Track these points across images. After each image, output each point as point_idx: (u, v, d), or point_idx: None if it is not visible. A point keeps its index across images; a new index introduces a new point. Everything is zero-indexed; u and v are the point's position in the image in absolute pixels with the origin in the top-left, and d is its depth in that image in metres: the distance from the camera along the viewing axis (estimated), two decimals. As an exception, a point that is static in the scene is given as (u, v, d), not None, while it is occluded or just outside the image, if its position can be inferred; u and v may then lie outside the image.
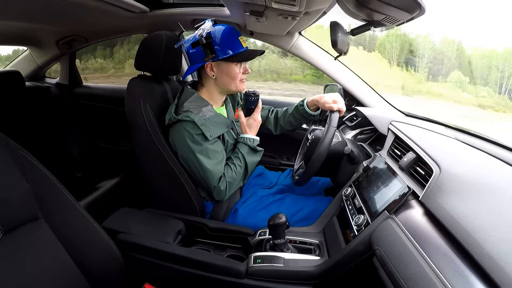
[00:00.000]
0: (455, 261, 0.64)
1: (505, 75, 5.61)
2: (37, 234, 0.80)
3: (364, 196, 1.08)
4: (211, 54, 1.27)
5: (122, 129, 2.24)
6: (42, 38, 2.15)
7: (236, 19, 1.70)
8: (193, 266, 1.12)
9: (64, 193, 0.90)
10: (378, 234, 0.87)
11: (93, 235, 0.93)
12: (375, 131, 1.56)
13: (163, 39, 1.36)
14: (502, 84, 5.48)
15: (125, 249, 1.09)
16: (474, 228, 0.65)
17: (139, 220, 1.32)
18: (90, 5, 1.43)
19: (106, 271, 0.96)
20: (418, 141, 1.07)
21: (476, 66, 6.23)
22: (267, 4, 1.09)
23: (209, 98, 1.40)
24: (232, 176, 1.33)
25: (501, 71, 5.64)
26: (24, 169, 0.81)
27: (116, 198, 2.20)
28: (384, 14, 0.99)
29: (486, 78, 5.97)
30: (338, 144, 1.34)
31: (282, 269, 1.05)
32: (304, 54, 1.79)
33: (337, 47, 1.19)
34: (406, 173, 1.02)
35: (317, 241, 1.19)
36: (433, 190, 0.82)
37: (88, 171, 2.43)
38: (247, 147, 1.38)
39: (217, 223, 1.37)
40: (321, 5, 1.13)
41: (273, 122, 1.64)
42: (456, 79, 6.36)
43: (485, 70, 6.00)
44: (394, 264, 0.74)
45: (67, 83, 2.51)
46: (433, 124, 1.41)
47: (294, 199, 1.42)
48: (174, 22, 1.86)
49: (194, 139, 1.26)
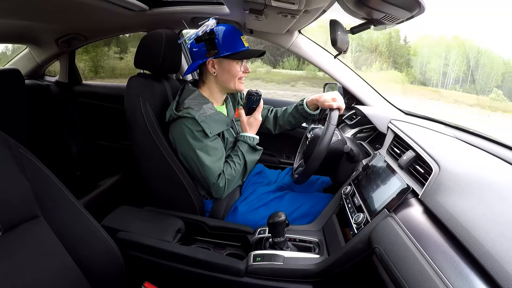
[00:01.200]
0: (454, 259, 0.64)
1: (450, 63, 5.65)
2: (37, 233, 0.80)
3: (364, 194, 1.08)
4: (213, 50, 1.28)
5: (121, 127, 2.24)
6: (41, 36, 2.14)
7: (235, 17, 1.70)
8: (192, 265, 1.12)
9: (63, 191, 0.90)
10: (378, 232, 0.87)
11: (93, 233, 0.93)
12: (374, 129, 1.56)
13: (162, 37, 1.36)
14: (446, 72, 5.51)
15: (124, 247, 1.09)
16: (473, 226, 0.65)
17: (139, 218, 1.32)
18: (89, 3, 1.43)
19: (105, 269, 0.95)
20: (417, 140, 1.08)
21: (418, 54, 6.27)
22: (267, 2, 1.09)
23: (210, 96, 1.40)
24: (231, 173, 1.33)
25: (445, 58, 5.67)
26: (24, 167, 0.81)
27: (116, 196, 2.20)
28: (384, 12, 1.00)
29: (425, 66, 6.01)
30: (337, 143, 1.34)
31: (281, 267, 1.05)
32: (303, 52, 1.79)
33: (337, 46, 1.19)
34: (406, 172, 1.02)
35: (317, 239, 1.19)
36: (432, 188, 0.82)
37: (88, 169, 2.43)
38: (246, 145, 1.39)
39: (217, 222, 1.37)
40: (321, 3, 1.12)
41: (272, 122, 1.65)
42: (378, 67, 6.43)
43: (427, 58, 6.05)
44: (394, 262, 0.74)
45: (66, 81, 2.50)
46: (433, 122, 1.42)
47: (293, 197, 1.42)
48: (173, 20, 1.87)
49: (194, 136, 1.27)
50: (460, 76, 5.79)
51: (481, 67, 5.67)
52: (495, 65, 5.76)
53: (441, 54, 5.82)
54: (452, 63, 5.75)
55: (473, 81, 5.33)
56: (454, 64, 5.72)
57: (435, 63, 6.09)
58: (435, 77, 6.04)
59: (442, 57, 5.75)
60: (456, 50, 5.77)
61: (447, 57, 5.82)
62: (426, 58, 6.37)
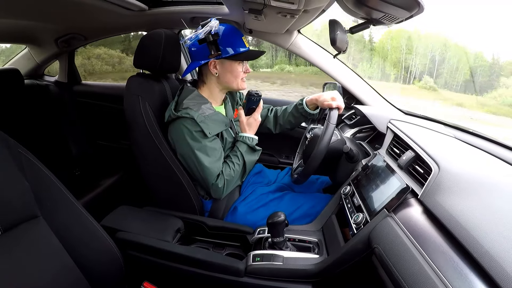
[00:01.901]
0: (453, 259, 0.64)
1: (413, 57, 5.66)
2: (36, 232, 0.80)
3: (363, 194, 1.08)
4: (217, 52, 1.28)
5: (121, 127, 2.24)
6: (41, 36, 2.14)
7: (235, 17, 1.70)
8: (192, 265, 1.12)
9: (63, 191, 0.90)
10: (377, 232, 0.87)
11: (92, 233, 0.93)
12: (374, 129, 1.55)
13: (162, 37, 1.36)
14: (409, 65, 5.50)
15: (124, 247, 1.10)
16: (472, 226, 0.65)
17: (138, 218, 1.32)
18: (89, 3, 1.43)
19: (105, 269, 0.95)
20: (417, 140, 1.08)
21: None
22: (266, 2, 1.09)
23: (209, 96, 1.40)
24: (230, 174, 1.33)
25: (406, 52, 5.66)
26: (23, 167, 0.81)
27: (115, 196, 2.20)
28: (383, 12, 1.00)
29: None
30: (337, 143, 1.34)
31: (281, 267, 1.05)
32: (303, 52, 1.79)
33: (336, 45, 1.19)
34: (405, 172, 1.02)
35: (316, 239, 1.19)
36: (432, 188, 0.82)
37: (87, 169, 2.43)
38: (246, 145, 1.39)
39: (216, 222, 1.37)
40: (320, 3, 1.12)
41: (272, 121, 1.65)
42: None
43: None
44: (393, 262, 0.74)
45: (66, 81, 2.50)
46: (432, 122, 1.42)
47: (293, 197, 1.42)
48: (173, 20, 1.86)
49: (193, 136, 1.27)
50: (425, 70, 5.80)
51: (447, 60, 5.69)
52: (463, 58, 5.79)
53: (403, 48, 5.84)
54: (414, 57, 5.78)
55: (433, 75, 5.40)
56: (416, 59, 5.74)
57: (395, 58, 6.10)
58: (394, 72, 6.06)
59: (403, 52, 5.77)
60: (420, 44, 5.78)
61: (410, 51, 5.84)
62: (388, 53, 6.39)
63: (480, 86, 5.26)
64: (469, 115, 5.48)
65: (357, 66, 7.01)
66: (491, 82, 7.60)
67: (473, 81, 5.54)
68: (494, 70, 7.29)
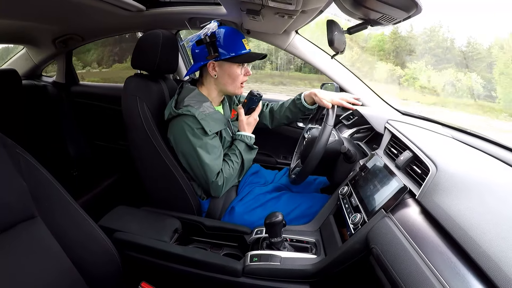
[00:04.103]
0: (451, 259, 0.64)
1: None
2: (34, 233, 0.80)
3: (361, 194, 1.08)
4: (214, 53, 1.28)
5: (119, 128, 2.23)
6: (38, 36, 2.14)
7: (232, 18, 1.70)
8: (189, 265, 1.12)
9: (60, 192, 0.89)
10: (375, 232, 0.87)
11: (90, 233, 0.93)
12: (371, 129, 1.56)
13: (159, 37, 1.36)
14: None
15: (121, 247, 1.09)
16: (470, 226, 0.65)
17: (136, 218, 1.31)
18: (87, 3, 1.42)
19: (103, 270, 0.95)
20: (414, 140, 1.08)
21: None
22: (264, 2, 1.09)
23: (208, 96, 1.41)
24: (229, 172, 1.34)
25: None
26: (21, 167, 0.81)
27: (113, 196, 2.20)
28: (381, 12, 1.00)
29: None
30: (334, 143, 1.34)
31: (278, 267, 1.05)
32: (300, 52, 1.79)
33: (334, 46, 1.19)
34: (403, 172, 1.02)
35: (314, 239, 1.19)
36: (429, 188, 0.83)
37: (85, 170, 2.43)
38: (244, 144, 1.40)
39: (214, 222, 1.37)
40: (318, 4, 1.12)
41: (268, 116, 1.67)
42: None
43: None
44: (391, 263, 0.75)
45: (63, 82, 2.50)
46: (430, 122, 1.42)
47: (290, 197, 1.42)
48: (170, 21, 1.87)
49: (194, 133, 1.27)
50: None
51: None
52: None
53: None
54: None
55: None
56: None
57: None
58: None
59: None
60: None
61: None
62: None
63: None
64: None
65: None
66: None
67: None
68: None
